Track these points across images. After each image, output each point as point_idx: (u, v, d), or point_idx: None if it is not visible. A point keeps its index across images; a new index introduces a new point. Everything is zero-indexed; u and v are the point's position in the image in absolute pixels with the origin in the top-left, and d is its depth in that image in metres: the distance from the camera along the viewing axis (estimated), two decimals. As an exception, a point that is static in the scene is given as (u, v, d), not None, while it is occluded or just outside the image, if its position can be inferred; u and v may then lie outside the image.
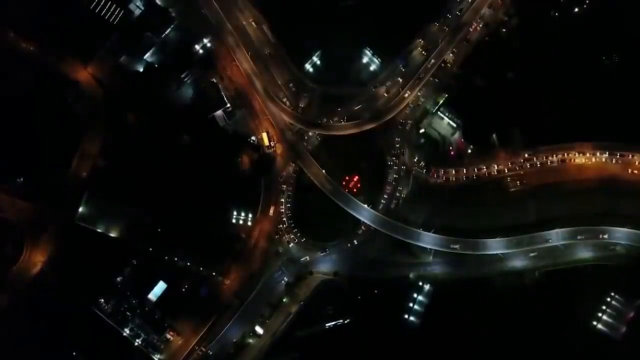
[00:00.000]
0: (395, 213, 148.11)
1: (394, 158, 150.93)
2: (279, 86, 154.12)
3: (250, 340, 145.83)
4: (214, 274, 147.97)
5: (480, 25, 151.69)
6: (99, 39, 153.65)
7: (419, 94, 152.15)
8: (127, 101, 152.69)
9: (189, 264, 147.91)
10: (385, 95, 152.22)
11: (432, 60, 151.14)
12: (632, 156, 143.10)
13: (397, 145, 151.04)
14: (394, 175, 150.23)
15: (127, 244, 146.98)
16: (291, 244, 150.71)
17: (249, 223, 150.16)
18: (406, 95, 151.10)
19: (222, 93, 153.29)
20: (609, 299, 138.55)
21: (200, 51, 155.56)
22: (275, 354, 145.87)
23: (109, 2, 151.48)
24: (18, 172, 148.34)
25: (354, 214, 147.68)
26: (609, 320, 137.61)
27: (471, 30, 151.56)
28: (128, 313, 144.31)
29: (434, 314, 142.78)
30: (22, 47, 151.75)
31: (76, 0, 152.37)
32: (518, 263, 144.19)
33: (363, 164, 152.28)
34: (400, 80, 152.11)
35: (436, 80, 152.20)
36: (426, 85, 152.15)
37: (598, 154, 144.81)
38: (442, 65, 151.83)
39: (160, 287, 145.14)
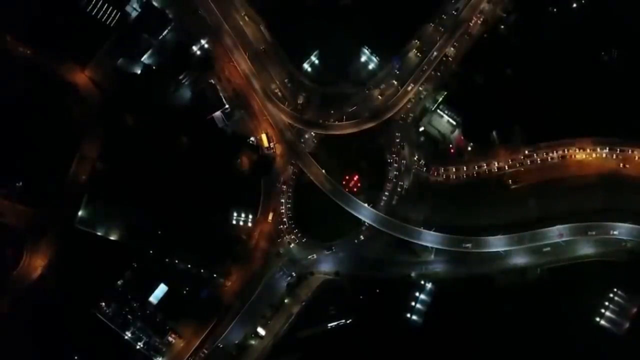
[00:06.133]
0: (396, 211, 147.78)
1: (394, 155, 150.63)
2: (277, 86, 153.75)
3: (252, 342, 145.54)
4: (214, 275, 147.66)
5: (481, 20, 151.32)
6: (96, 42, 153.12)
7: (420, 88, 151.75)
8: (125, 103, 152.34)
9: (189, 266, 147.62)
10: (380, 97, 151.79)
11: (435, 53, 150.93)
12: (632, 151, 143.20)
13: (397, 141, 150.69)
14: (395, 173, 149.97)
15: (127, 247, 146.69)
16: (292, 245, 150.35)
17: (249, 224, 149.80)
18: (409, 88, 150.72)
19: (221, 94, 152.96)
20: (611, 295, 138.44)
21: (198, 52, 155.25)
22: (277, 355, 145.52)
23: (106, 5, 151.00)
24: (17, 176, 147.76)
25: (354, 213, 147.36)
26: (612, 316, 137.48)
27: (471, 24, 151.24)
28: (129, 316, 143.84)
29: (436, 312, 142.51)
30: (20, 51, 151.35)
31: (73, 3, 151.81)
32: (520, 260, 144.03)
33: (363, 163, 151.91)
34: (395, 82, 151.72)
35: (438, 74, 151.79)
36: (428, 80, 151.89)
37: (598, 149, 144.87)
38: (444, 59, 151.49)
39: (161, 289, 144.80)
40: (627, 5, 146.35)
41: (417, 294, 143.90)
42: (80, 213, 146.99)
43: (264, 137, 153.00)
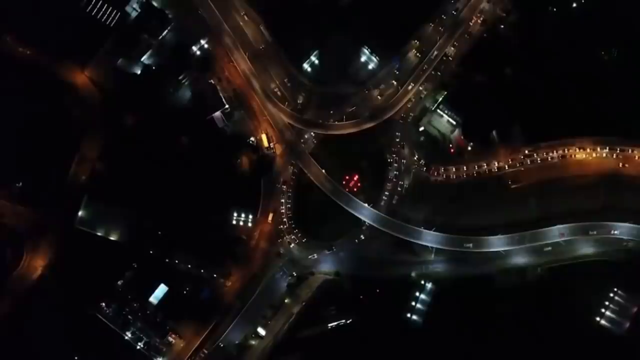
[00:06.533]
0: (396, 211, 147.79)
1: (394, 155, 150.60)
2: (277, 86, 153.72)
3: (253, 342, 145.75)
4: (215, 276, 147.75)
5: (481, 19, 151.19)
6: (96, 42, 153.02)
7: (420, 88, 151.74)
8: (125, 104, 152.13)
9: (189, 266, 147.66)
10: (379, 97, 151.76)
11: (435, 52, 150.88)
12: (632, 151, 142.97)
13: (397, 140, 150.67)
14: (395, 172, 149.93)
15: (127, 247, 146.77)
16: (292, 245, 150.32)
17: (249, 224, 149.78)
18: (409, 87, 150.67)
19: (220, 94, 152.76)
20: (612, 295, 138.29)
21: (198, 52, 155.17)
22: (277, 355, 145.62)
23: (106, 5, 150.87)
24: (17, 177, 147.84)
25: (354, 213, 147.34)
26: (613, 316, 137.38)
27: (471, 24, 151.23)
28: (129, 317, 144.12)
29: (436, 312, 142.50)
30: (19, 52, 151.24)
31: (73, 3, 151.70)
32: (520, 260, 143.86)
33: (363, 163, 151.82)
34: (395, 82, 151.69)
35: (438, 73, 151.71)
36: (428, 79, 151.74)
37: (598, 149, 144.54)
38: (444, 58, 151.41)
39: (161, 290, 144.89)
40: (627, 4, 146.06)
41: (417, 293, 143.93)
42: (80, 213, 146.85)
43: (264, 137, 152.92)
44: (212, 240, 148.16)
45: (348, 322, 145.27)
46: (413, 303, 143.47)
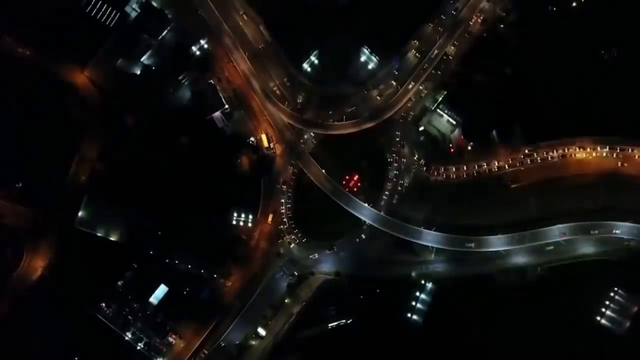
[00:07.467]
0: (396, 211, 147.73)
1: (394, 155, 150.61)
2: (277, 86, 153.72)
3: (253, 342, 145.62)
4: (215, 276, 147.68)
5: (481, 18, 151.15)
6: (96, 42, 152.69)
7: (420, 87, 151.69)
8: (125, 104, 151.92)
9: (190, 266, 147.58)
10: (379, 98, 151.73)
11: (435, 52, 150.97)
12: (632, 150, 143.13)
13: (397, 140, 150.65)
14: (395, 172, 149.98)
15: (127, 248, 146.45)
16: (292, 245, 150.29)
17: (249, 224, 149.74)
18: (409, 87, 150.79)
19: (220, 94, 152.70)
20: (612, 294, 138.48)
21: (198, 53, 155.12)
22: (277, 355, 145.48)
23: (105, 5, 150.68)
24: (17, 177, 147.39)
25: (354, 213, 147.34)
26: (613, 315, 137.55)
27: (471, 23, 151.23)
28: (130, 317, 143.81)
29: (436, 312, 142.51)
30: (19, 52, 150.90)
31: (73, 3, 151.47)
32: (520, 259, 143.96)
33: (363, 163, 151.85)
34: (394, 82, 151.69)
35: (438, 72, 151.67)
36: (428, 78, 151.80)
37: (598, 148, 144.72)
38: (444, 57, 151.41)
39: (161, 290, 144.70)
40: (627, 4, 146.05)
41: (417, 293, 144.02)
42: (80, 214, 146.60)
43: (263, 137, 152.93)
44: (212, 241, 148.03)
45: (348, 322, 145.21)
46: (413, 303, 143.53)
